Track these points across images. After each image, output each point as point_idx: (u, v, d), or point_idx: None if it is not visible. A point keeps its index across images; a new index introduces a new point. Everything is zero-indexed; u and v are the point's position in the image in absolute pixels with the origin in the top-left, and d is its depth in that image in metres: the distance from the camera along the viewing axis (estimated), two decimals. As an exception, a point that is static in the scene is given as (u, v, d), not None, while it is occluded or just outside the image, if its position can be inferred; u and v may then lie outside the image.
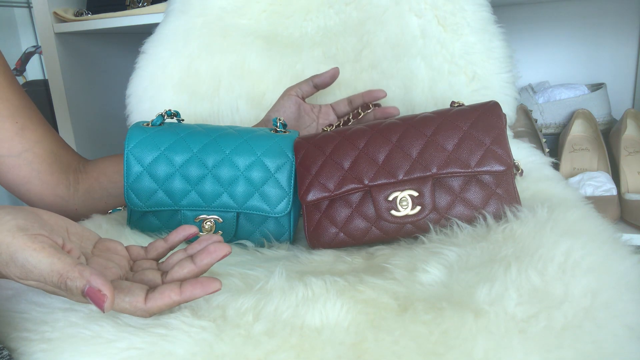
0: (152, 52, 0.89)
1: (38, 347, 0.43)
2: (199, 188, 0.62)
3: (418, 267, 0.47)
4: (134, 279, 0.45)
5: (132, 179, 0.63)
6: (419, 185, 0.57)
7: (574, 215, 0.52)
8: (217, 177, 0.62)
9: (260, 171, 0.62)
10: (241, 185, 0.62)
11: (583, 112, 1.11)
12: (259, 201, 0.62)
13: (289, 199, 0.62)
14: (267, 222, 0.64)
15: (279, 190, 0.62)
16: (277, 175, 0.62)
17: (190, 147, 0.63)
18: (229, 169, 0.62)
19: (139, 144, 0.63)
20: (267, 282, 0.48)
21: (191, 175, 0.62)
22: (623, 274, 0.45)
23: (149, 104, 0.88)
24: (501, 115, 0.58)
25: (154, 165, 0.63)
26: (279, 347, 0.40)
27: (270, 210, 0.62)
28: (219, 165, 0.62)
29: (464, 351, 0.38)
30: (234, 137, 0.64)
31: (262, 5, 0.88)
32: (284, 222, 0.64)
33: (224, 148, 0.63)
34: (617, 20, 1.22)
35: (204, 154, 0.62)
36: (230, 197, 0.62)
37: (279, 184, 0.62)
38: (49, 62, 1.26)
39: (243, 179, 0.62)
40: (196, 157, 0.62)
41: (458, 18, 0.79)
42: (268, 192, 0.62)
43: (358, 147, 0.59)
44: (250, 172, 0.62)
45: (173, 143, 0.63)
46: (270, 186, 0.62)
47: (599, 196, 0.97)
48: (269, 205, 0.62)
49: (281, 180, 0.62)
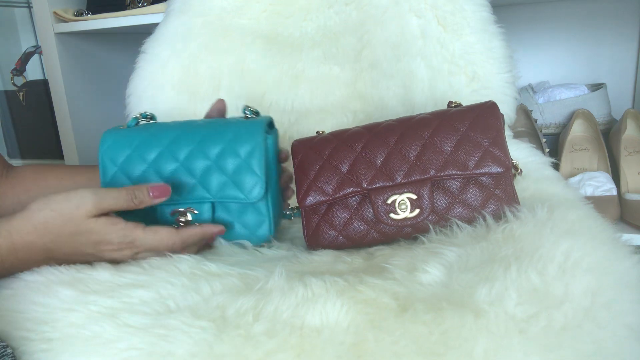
0: (152, 52, 0.89)
1: (38, 347, 0.43)
2: (172, 182, 0.61)
3: (418, 267, 0.47)
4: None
5: (107, 180, 0.63)
6: (417, 188, 0.57)
7: (574, 215, 0.52)
8: (189, 169, 0.61)
9: (231, 158, 0.61)
10: (213, 175, 0.61)
11: (583, 112, 1.11)
12: (233, 189, 0.61)
13: (262, 183, 0.60)
14: (245, 212, 0.63)
15: (252, 176, 0.61)
16: (249, 161, 0.61)
17: (161, 142, 0.62)
18: (200, 159, 0.61)
19: (112, 144, 0.63)
20: (267, 282, 0.48)
21: (164, 170, 0.62)
22: (623, 274, 0.45)
23: (149, 104, 0.88)
24: (499, 116, 0.58)
25: (127, 163, 0.62)
26: (279, 347, 0.40)
27: (245, 196, 0.61)
28: (190, 157, 0.61)
29: (464, 351, 0.38)
30: (203, 127, 0.63)
31: (262, 5, 0.88)
32: (262, 208, 0.63)
33: (193, 138, 0.62)
34: (617, 20, 1.22)
35: (175, 146, 0.62)
36: (204, 188, 0.61)
37: (252, 170, 0.61)
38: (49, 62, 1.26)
39: (215, 168, 0.61)
40: (167, 151, 0.62)
41: (458, 18, 0.79)
42: (241, 178, 0.61)
43: (356, 150, 0.59)
44: (222, 161, 0.61)
45: (144, 139, 0.63)
46: (242, 173, 0.61)
47: (599, 196, 0.97)
48: (243, 192, 0.61)
49: (253, 165, 0.61)
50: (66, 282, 0.50)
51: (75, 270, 0.52)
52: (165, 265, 0.54)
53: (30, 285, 0.51)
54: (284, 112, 0.86)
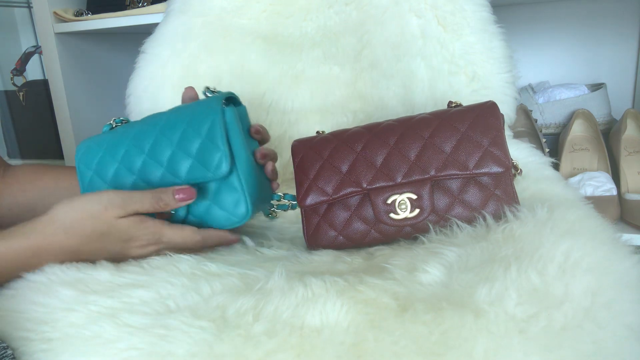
0: (152, 52, 0.89)
1: (38, 347, 0.43)
2: (143, 175, 0.61)
3: (418, 267, 0.47)
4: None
5: (86, 184, 0.64)
6: (417, 188, 0.57)
7: (574, 215, 0.52)
8: (156, 159, 0.61)
9: (193, 139, 0.60)
10: (180, 160, 0.60)
11: (583, 112, 1.11)
12: (201, 169, 0.60)
13: (226, 157, 0.59)
14: (220, 192, 0.61)
15: (216, 152, 0.59)
16: (210, 137, 0.60)
17: (127, 137, 0.63)
18: (165, 147, 0.61)
19: (85, 151, 0.64)
20: (267, 282, 0.48)
21: (134, 165, 0.62)
22: (623, 274, 0.45)
23: (149, 104, 0.88)
24: (499, 116, 0.58)
25: (100, 165, 0.63)
26: (279, 347, 0.40)
27: (213, 174, 0.59)
28: (154, 146, 0.61)
29: (464, 351, 0.38)
30: (164, 115, 0.64)
31: (262, 5, 0.88)
32: (234, 183, 0.61)
33: (155, 127, 0.62)
34: (617, 20, 1.22)
35: (139, 139, 0.62)
36: (172, 174, 0.60)
37: (215, 145, 0.59)
38: (49, 62, 1.26)
39: (179, 152, 0.60)
40: (133, 145, 0.62)
41: (458, 18, 0.79)
42: (206, 157, 0.60)
43: (356, 150, 0.59)
44: (185, 143, 0.60)
45: (112, 139, 0.64)
46: (206, 150, 0.60)
47: (599, 196, 0.97)
48: (209, 170, 0.59)
49: (216, 140, 0.60)
50: (66, 282, 0.50)
51: (76, 269, 0.53)
52: (165, 265, 0.54)
53: (31, 285, 0.51)
54: (284, 112, 0.86)
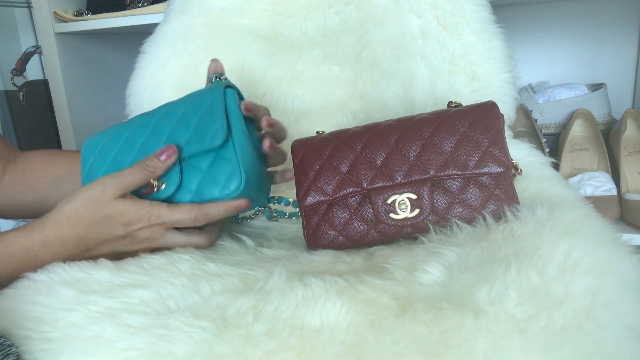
0: (152, 52, 0.89)
1: (39, 347, 0.43)
2: (143, 153, 0.62)
3: (418, 267, 0.47)
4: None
5: (86, 172, 0.65)
6: (417, 188, 0.57)
7: (574, 215, 0.52)
8: (156, 136, 0.62)
9: (192, 113, 0.62)
10: (178, 132, 0.61)
11: (583, 112, 1.11)
12: (197, 140, 0.60)
13: (223, 126, 0.59)
14: (214, 166, 0.61)
15: (214, 122, 0.60)
16: (210, 110, 0.61)
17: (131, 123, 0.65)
18: (165, 124, 0.62)
19: (92, 140, 0.67)
20: (267, 282, 0.48)
21: (134, 144, 0.63)
22: (623, 274, 0.45)
23: (149, 104, 0.87)
24: (499, 116, 0.58)
25: (104, 149, 0.65)
26: (279, 347, 0.40)
27: (209, 143, 0.60)
28: (156, 125, 0.63)
29: (464, 351, 0.38)
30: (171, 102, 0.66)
31: (262, 5, 0.88)
32: (229, 155, 0.60)
33: (158, 110, 0.65)
34: (617, 20, 1.22)
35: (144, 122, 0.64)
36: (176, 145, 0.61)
37: (213, 116, 0.60)
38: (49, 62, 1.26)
39: (179, 126, 0.62)
40: (137, 128, 0.64)
41: (458, 18, 0.79)
42: (203, 128, 0.60)
43: (356, 150, 0.59)
44: (184, 119, 0.62)
45: (119, 128, 0.66)
46: (204, 122, 0.61)
47: (599, 196, 0.97)
48: (205, 140, 0.60)
49: (215, 112, 0.60)
50: (67, 282, 0.50)
51: (78, 269, 0.52)
52: (165, 265, 0.54)
53: (31, 285, 0.51)
54: (284, 112, 0.86)
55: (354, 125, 0.64)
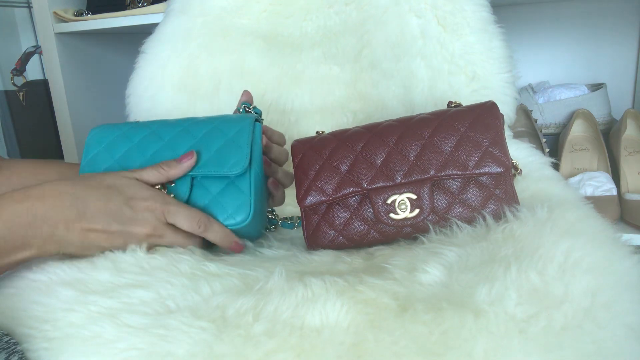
0: (152, 52, 0.89)
1: (40, 345, 0.43)
2: (154, 160, 0.61)
3: (418, 267, 0.47)
4: None
5: (88, 160, 0.64)
6: (417, 188, 0.57)
7: (574, 215, 0.52)
8: (173, 148, 0.62)
9: (217, 136, 0.61)
10: (198, 149, 0.61)
11: (583, 112, 1.11)
12: (215, 164, 0.60)
13: (246, 157, 0.59)
14: (225, 193, 0.60)
15: (237, 151, 0.60)
16: (235, 139, 0.61)
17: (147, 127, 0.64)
18: (184, 139, 0.62)
19: (98, 131, 0.66)
20: (267, 282, 0.48)
21: (147, 149, 0.62)
22: (623, 274, 0.45)
23: (149, 104, 0.88)
24: (499, 116, 0.58)
25: (112, 144, 0.64)
26: (279, 347, 0.40)
27: (228, 170, 0.59)
28: (175, 137, 0.62)
29: (463, 351, 0.38)
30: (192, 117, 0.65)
31: (262, 5, 0.88)
32: (243, 186, 0.60)
33: (180, 123, 0.64)
34: (617, 20, 1.22)
35: (162, 129, 0.64)
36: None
37: (237, 146, 0.60)
38: (49, 62, 1.26)
39: (199, 145, 0.61)
40: (153, 133, 0.63)
41: (458, 18, 0.79)
42: (225, 154, 0.60)
43: (356, 150, 0.59)
44: (207, 140, 0.61)
45: (132, 127, 0.65)
46: (227, 149, 0.60)
47: (599, 196, 0.97)
48: (225, 167, 0.60)
49: (240, 142, 0.60)
50: (66, 282, 0.50)
51: (77, 269, 0.52)
52: (165, 265, 0.54)
53: (32, 284, 0.51)
54: (284, 112, 0.86)
55: (354, 125, 0.64)
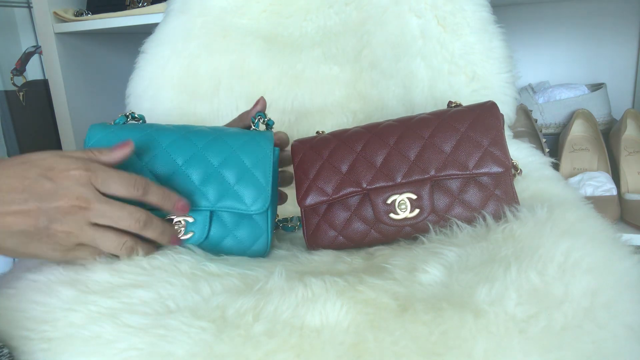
0: (151, 52, 0.89)
1: (38, 347, 0.43)
2: (169, 186, 0.57)
3: (418, 267, 0.47)
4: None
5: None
6: (417, 188, 0.57)
7: (574, 215, 0.52)
8: (187, 175, 0.58)
9: (235, 167, 0.58)
10: (214, 182, 0.58)
11: (583, 112, 1.11)
12: (235, 199, 0.57)
13: (266, 196, 0.58)
14: (240, 225, 0.59)
15: (256, 186, 0.58)
16: (254, 171, 0.58)
17: (160, 142, 0.59)
18: (202, 165, 0.58)
19: (100, 140, 0.58)
20: (267, 282, 0.48)
21: (160, 172, 0.58)
22: (623, 274, 0.45)
23: (149, 104, 0.88)
24: (499, 116, 0.58)
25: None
26: (279, 348, 0.40)
27: (246, 208, 0.57)
28: (190, 161, 0.58)
29: (463, 351, 0.38)
30: (206, 133, 0.61)
31: (262, 5, 0.88)
32: (261, 222, 0.59)
33: (195, 143, 0.59)
34: (617, 20, 1.22)
35: (174, 149, 0.59)
36: (203, 195, 0.57)
37: (257, 180, 0.58)
38: (49, 62, 1.26)
39: (217, 175, 0.58)
40: (165, 153, 0.58)
41: (458, 18, 0.79)
42: (244, 189, 0.58)
43: (355, 150, 0.59)
44: (225, 168, 0.58)
45: (139, 139, 0.58)
46: (246, 183, 0.58)
47: (599, 196, 0.97)
48: (244, 203, 0.57)
49: (258, 176, 0.58)
50: (66, 282, 0.50)
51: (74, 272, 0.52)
52: (165, 265, 0.54)
53: (31, 284, 0.51)
54: (284, 112, 0.86)
55: (354, 125, 0.64)
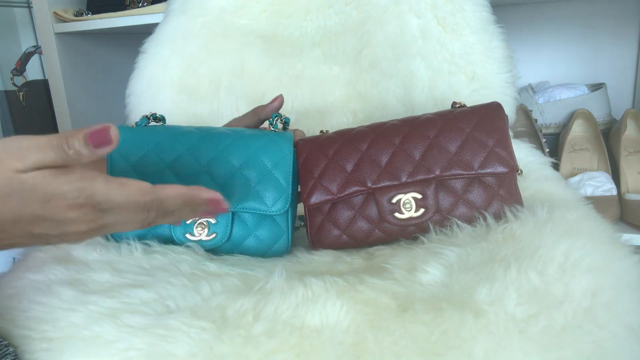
0: (152, 52, 0.89)
1: (39, 346, 0.43)
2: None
3: (418, 267, 0.47)
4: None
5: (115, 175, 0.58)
6: (422, 188, 0.57)
7: (574, 215, 0.52)
8: (211, 175, 0.59)
9: (256, 168, 0.59)
10: (237, 184, 0.59)
11: (583, 112, 1.11)
12: (256, 200, 0.59)
13: (287, 196, 0.59)
14: (262, 225, 0.60)
15: (277, 187, 0.59)
16: (275, 172, 0.59)
17: (182, 144, 0.60)
18: (224, 166, 0.59)
19: (123, 141, 0.59)
20: (267, 282, 0.48)
21: (183, 173, 0.58)
22: (623, 274, 0.45)
23: (149, 104, 0.87)
24: (504, 117, 0.58)
25: (141, 162, 0.59)
26: (279, 348, 0.40)
27: (267, 209, 0.59)
28: (212, 162, 0.59)
29: (463, 351, 0.38)
30: (227, 135, 0.62)
31: (262, 5, 0.88)
32: (282, 222, 0.61)
33: (217, 144, 0.60)
34: (617, 20, 1.22)
35: (196, 150, 0.60)
36: (226, 197, 0.57)
37: (277, 181, 0.59)
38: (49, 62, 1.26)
39: (239, 176, 0.59)
40: (188, 154, 0.59)
41: (458, 18, 0.79)
42: (265, 189, 0.59)
43: (361, 150, 0.59)
44: (246, 170, 0.59)
45: (162, 140, 0.60)
46: (267, 184, 0.59)
47: (599, 196, 0.97)
48: (265, 204, 0.59)
49: (279, 177, 0.59)
50: (66, 282, 0.50)
51: (74, 272, 0.52)
52: (165, 265, 0.54)
53: (32, 284, 0.51)
54: (283, 112, 0.86)
55: (354, 125, 0.64)
